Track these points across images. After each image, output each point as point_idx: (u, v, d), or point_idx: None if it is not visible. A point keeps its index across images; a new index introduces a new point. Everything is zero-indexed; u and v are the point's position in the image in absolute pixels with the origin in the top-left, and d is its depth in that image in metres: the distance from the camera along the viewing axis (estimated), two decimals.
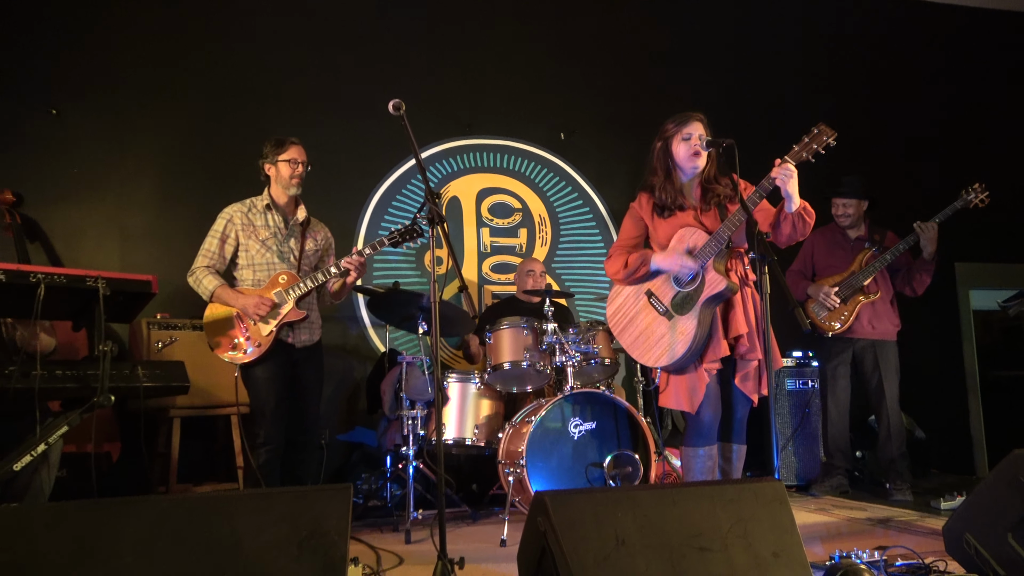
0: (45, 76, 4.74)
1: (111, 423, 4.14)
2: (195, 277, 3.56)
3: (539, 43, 5.77)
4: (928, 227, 4.35)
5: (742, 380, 3.04)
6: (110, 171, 4.81)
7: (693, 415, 3.06)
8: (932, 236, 4.37)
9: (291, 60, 5.21)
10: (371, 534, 3.74)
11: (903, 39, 6.53)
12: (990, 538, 2.29)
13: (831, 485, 4.62)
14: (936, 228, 4.35)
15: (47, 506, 2.62)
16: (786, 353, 4.93)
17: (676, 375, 3.10)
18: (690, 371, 3.06)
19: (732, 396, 3.10)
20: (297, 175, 3.62)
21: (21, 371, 2.71)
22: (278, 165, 3.61)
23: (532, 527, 1.96)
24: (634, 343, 3.17)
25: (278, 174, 3.62)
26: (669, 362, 3.03)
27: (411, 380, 4.01)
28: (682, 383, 3.08)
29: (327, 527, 1.73)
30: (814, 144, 2.85)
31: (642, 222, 3.22)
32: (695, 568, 1.84)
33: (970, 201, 4.31)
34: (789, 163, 2.85)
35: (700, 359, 3.03)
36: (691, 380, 3.05)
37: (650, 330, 3.11)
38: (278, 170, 3.61)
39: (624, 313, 3.23)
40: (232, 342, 3.46)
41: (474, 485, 4.59)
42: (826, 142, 2.84)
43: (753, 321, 3.04)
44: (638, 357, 3.17)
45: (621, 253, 3.23)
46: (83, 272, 2.82)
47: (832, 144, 2.85)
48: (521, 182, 5.61)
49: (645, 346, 3.12)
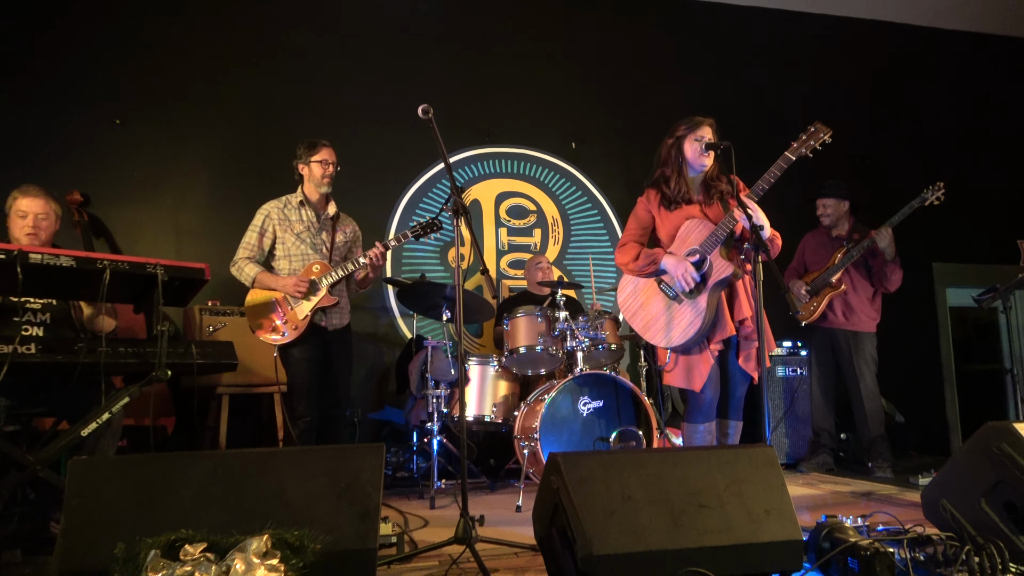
0: (110, 90, 4.82)
1: (167, 400, 4.19)
2: (237, 267, 3.63)
3: (552, 61, 5.79)
4: (882, 233, 4.34)
5: (744, 360, 3.04)
6: (167, 174, 4.88)
7: (696, 393, 3.06)
8: (888, 239, 4.34)
9: (327, 75, 5.26)
10: (399, 501, 3.76)
11: (885, 55, 6.50)
12: (964, 504, 2.28)
13: (817, 462, 4.59)
14: (890, 231, 4.33)
15: (114, 458, 2.67)
16: (777, 343, 4.92)
17: (684, 355, 3.10)
18: (696, 352, 3.06)
19: (733, 375, 3.10)
20: (328, 175, 3.66)
21: (88, 347, 2.73)
22: (311, 165, 3.65)
23: (546, 485, 1.97)
24: (647, 326, 3.16)
25: (310, 173, 3.66)
26: (681, 342, 3.02)
27: (435, 362, 4.03)
28: (688, 363, 3.08)
29: (362, 480, 1.75)
30: (811, 141, 2.85)
31: (649, 215, 3.22)
32: (694, 522, 1.84)
33: (927, 199, 4.26)
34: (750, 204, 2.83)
35: (706, 340, 3.04)
36: (696, 360, 3.05)
37: (661, 313, 3.11)
38: (310, 170, 3.65)
39: (636, 299, 3.22)
40: (272, 325, 3.50)
41: (492, 460, 4.61)
42: (822, 139, 2.84)
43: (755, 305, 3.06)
44: (650, 338, 3.15)
45: (632, 246, 3.23)
46: (143, 259, 2.85)
47: (828, 141, 2.85)
48: (536, 186, 5.62)
49: (656, 328, 3.11)
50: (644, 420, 3.78)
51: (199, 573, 1.43)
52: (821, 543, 1.97)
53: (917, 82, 6.52)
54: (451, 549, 2.44)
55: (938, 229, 5.72)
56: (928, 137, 6.40)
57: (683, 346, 3.07)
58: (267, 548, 1.51)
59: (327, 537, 1.59)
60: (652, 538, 1.79)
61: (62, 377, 2.74)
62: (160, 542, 1.48)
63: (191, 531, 1.51)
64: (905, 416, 5.47)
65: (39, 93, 4.67)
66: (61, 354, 2.70)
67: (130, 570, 1.45)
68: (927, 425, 5.80)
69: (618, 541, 1.76)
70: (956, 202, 4.36)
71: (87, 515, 1.59)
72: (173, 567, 1.44)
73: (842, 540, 1.93)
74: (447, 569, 2.24)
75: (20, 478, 2.66)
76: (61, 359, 2.70)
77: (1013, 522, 2.14)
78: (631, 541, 1.77)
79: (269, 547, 1.51)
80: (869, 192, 4.95)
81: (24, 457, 2.69)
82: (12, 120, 4.59)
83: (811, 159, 2.96)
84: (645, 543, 1.78)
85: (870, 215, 4.76)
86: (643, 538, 1.78)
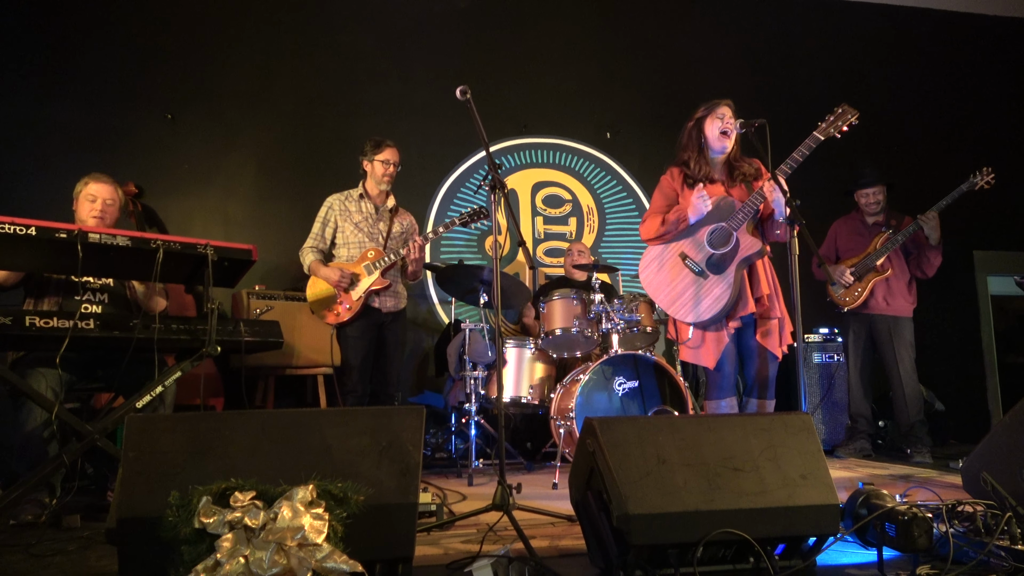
0: (162, 87, 4.96)
1: (216, 380, 4.28)
2: (303, 254, 3.80)
3: (587, 51, 5.78)
4: (929, 216, 4.24)
5: (763, 336, 3.01)
6: (216, 167, 4.99)
7: (714, 370, 3.04)
8: (934, 224, 4.26)
9: (369, 70, 5.33)
10: (438, 479, 3.79)
11: (921, 40, 6.34)
12: (1006, 475, 2.21)
13: (855, 448, 4.51)
14: (936, 216, 4.24)
15: (168, 415, 2.75)
16: (813, 329, 4.84)
17: (700, 332, 3.09)
18: (714, 329, 3.05)
19: (753, 353, 3.06)
20: (389, 174, 3.79)
21: (143, 323, 2.81)
22: (374, 163, 3.77)
23: (582, 450, 1.97)
24: (672, 302, 3.14)
25: (372, 170, 3.79)
26: (709, 316, 3.01)
27: (473, 344, 4.05)
28: (704, 340, 3.07)
29: (404, 439, 1.77)
30: (839, 122, 2.81)
31: (673, 192, 3.22)
32: (729, 484, 1.82)
33: (975, 184, 4.17)
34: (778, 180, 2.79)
35: (725, 318, 3.02)
36: (714, 337, 3.05)
37: (686, 289, 3.09)
38: (373, 167, 3.78)
39: (659, 276, 3.20)
40: (335, 312, 3.68)
41: (528, 443, 4.61)
42: (849, 120, 2.79)
43: (775, 284, 3.04)
44: (675, 313, 3.13)
45: (656, 216, 3.22)
46: (194, 240, 2.92)
47: (855, 123, 2.80)
48: (571, 176, 5.61)
49: (683, 302, 3.10)
50: (678, 400, 3.75)
51: (248, 518, 1.47)
52: (858, 509, 1.94)
53: (952, 68, 6.35)
54: (488, 518, 2.46)
55: (979, 215, 5.56)
56: (965, 124, 6.23)
57: (705, 322, 3.06)
58: (312, 497, 1.54)
59: (370, 490, 1.61)
60: (687, 499, 1.78)
61: (119, 352, 2.83)
62: (212, 490, 1.52)
63: (241, 480, 1.55)
64: (945, 404, 5.33)
65: (95, 91, 4.82)
66: (118, 330, 2.79)
67: (184, 515, 1.49)
68: (968, 414, 5.65)
69: (653, 501, 1.75)
70: (997, 189, 4.24)
71: (143, 467, 1.63)
72: (224, 513, 1.48)
73: (879, 506, 1.89)
74: (484, 535, 2.25)
75: (80, 447, 2.74)
76: (118, 335, 2.78)
77: None
78: (666, 501, 1.76)
79: (314, 497, 1.54)
80: (903, 178, 4.83)
81: (83, 427, 2.78)
82: (71, 117, 4.74)
83: (845, 145, 2.92)
84: (680, 504, 1.76)
85: (902, 202, 4.67)
86: (678, 499, 1.77)
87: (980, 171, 4.18)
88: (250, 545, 1.44)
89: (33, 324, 2.63)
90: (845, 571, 1.88)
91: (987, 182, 4.15)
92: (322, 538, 1.48)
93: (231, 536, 1.45)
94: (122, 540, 1.56)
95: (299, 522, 1.47)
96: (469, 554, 1.99)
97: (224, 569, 1.41)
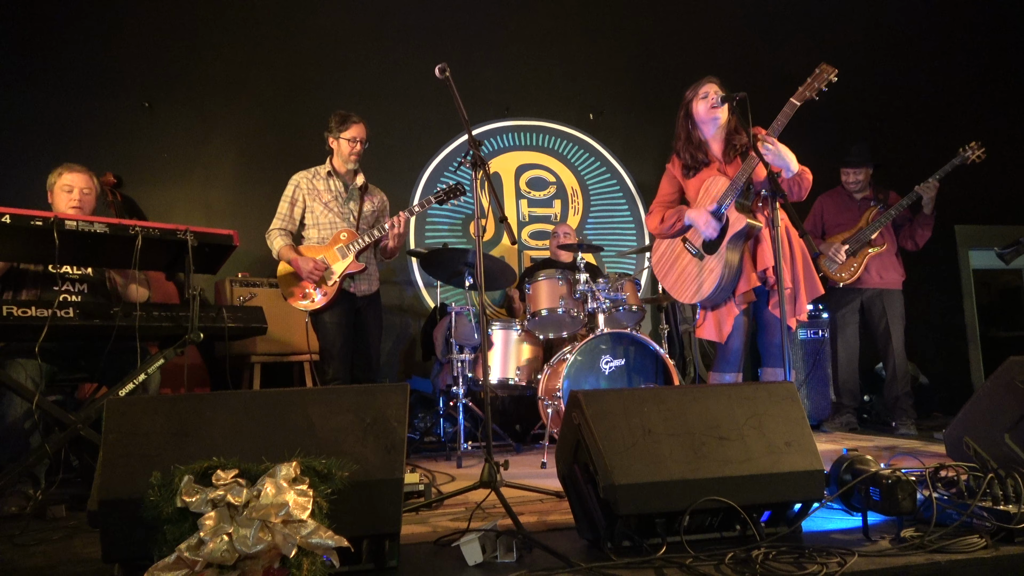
0: (138, 75, 4.87)
1: (200, 369, 4.25)
2: (270, 238, 3.67)
3: (570, 33, 5.75)
4: (930, 185, 4.26)
5: (774, 307, 3.02)
6: (196, 155, 4.93)
7: (722, 344, 3.07)
8: (932, 193, 4.29)
9: (351, 54, 5.28)
10: (427, 462, 3.79)
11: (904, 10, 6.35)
12: (988, 439, 2.24)
13: (841, 422, 4.54)
14: (937, 185, 4.26)
15: (149, 397, 2.72)
16: None
17: (711, 310, 3.14)
18: (722, 305, 3.10)
19: (766, 324, 3.09)
20: (355, 152, 3.66)
21: (124, 312, 2.78)
22: (340, 141, 3.66)
23: (568, 423, 1.97)
24: (674, 284, 3.21)
25: (339, 148, 3.68)
26: (701, 298, 3.08)
27: (459, 327, 4.04)
28: (714, 316, 3.13)
29: (388, 415, 1.76)
30: (816, 83, 2.79)
31: (676, 180, 3.25)
32: (715, 453, 1.83)
33: (967, 158, 4.20)
34: (771, 137, 2.79)
35: (732, 293, 3.04)
36: (721, 314, 3.10)
37: (686, 271, 3.14)
38: (339, 145, 3.67)
39: (666, 259, 3.27)
40: (303, 292, 3.54)
41: (517, 425, 4.62)
42: (827, 79, 2.77)
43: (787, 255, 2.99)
44: (678, 295, 3.20)
45: (660, 210, 3.28)
46: (174, 226, 2.88)
47: (833, 80, 2.77)
48: (555, 158, 5.59)
49: (681, 285, 3.17)
50: (666, 378, 3.76)
51: (231, 496, 1.45)
52: (842, 475, 1.95)
53: (934, 42, 6.36)
54: (476, 497, 2.45)
55: (960, 190, 5.59)
56: (946, 98, 6.25)
57: (709, 300, 3.10)
58: (296, 474, 1.52)
59: (354, 466, 1.61)
60: (673, 468, 1.78)
61: (101, 342, 2.79)
62: (194, 469, 1.50)
63: (223, 459, 1.53)
64: (929, 378, 5.39)
65: (69, 79, 4.73)
66: (98, 318, 2.75)
67: (166, 495, 1.48)
68: (951, 387, 5.70)
69: (639, 471, 1.75)
70: (978, 163, 4.26)
71: (124, 449, 1.62)
72: (206, 491, 1.46)
73: (863, 471, 1.90)
74: (472, 512, 2.25)
75: (63, 436, 2.72)
76: (98, 323, 2.75)
77: None
78: (652, 471, 1.76)
79: (298, 473, 1.53)
80: (887, 153, 4.85)
81: (66, 416, 2.75)
82: (45, 105, 4.65)
83: (827, 120, 2.90)
84: (666, 472, 1.77)
85: (883, 176, 4.69)
86: (664, 468, 1.77)
87: (970, 145, 4.21)
88: (234, 523, 1.43)
89: (11, 314, 2.59)
90: (830, 536, 1.90)
91: (978, 156, 4.18)
92: (307, 514, 1.47)
93: (214, 514, 1.43)
94: (104, 522, 1.54)
95: (283, 499, 1.46)
96: (457, 531, 1.99)
97: (208, 547, 1.40)
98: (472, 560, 1.74)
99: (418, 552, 1.89)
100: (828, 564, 1.61)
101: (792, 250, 2.99)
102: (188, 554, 1.39)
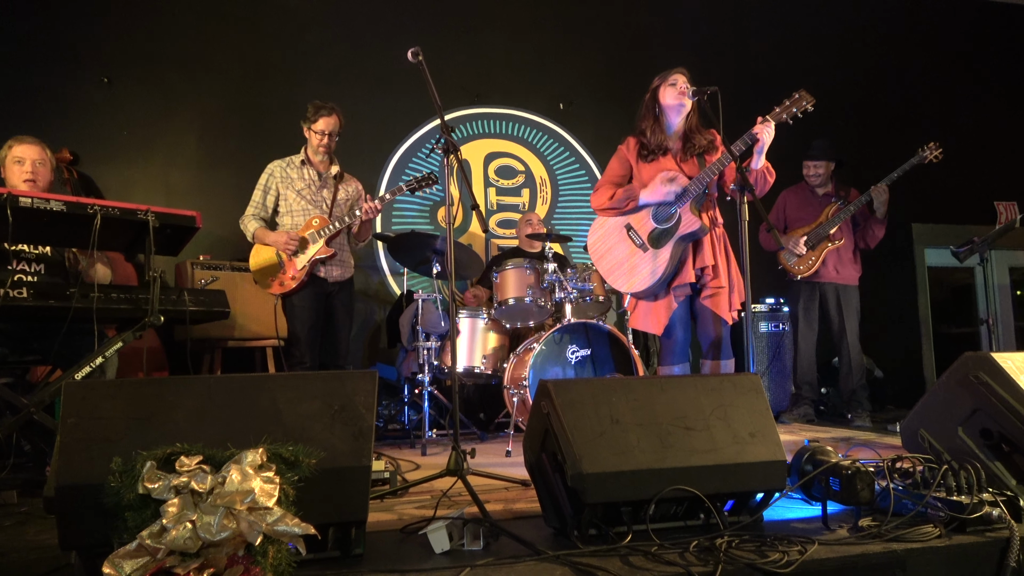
0: (98, 48, 4.73)
1: (159, 353, 4.16)
2: (244, 223, 3.69)
3: (542, 22, 5.72)
4: (880, 189, 4.38)
5: (710, 300, 3.08)
6: (156, 134, 4.80)
7: (665, 337, 3.11)
8: (884, 198, 4.40)
9: (317, 35, 5.18)
10: (391, 450, 3.77)
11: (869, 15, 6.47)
12: (942, 433, 2.30)
13: (799, 414, 4.64)
14: (887, 190, 4.38)
15: (108, 381, 2.65)
16: (760, 299, 4.95)
17: (646, 301, 3.17)
18: (660, 298, 3.12)
19: (703, 317, 3.13)
20: (324, 145, 3.70)
21: (81, 292, 2.70)
22: (310, 132, 3.70)
23: (537, 412, 1.97)
24: (611, 270, 3.21)
25: (309, 139, 3.72)
26: (641, 289, 3.10)
27: (426, 315, 4.02)
28: (652, 308, 3.15)
29: (356, 402, 1.74)
30: (793, 107, 2.85)
31: (627, 163, 3.24)
32: (681, 443, 1.85)
33: (924, 158, 4.31)
34: (771, 123, 2.85)
35: (668, 287, 3.07)
36: (660, 306, 3.12)
37: (626, 260, 3.15)
38: (310, 136, 3.71)
39: (604, 243, 3.25)
40: (278, 281, 3.59)
41: (481, 414, 4.63)
42: (804, 107, 2.84)
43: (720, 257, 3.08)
44: (613, 283, 3.23)
45: (608, 187, 3.24)
46: (135, 206, 2.80)
47: (809, 110, 2.85)
48: (524, 147, 5.58)
49: (620, 273, 3.18)
50: (631, 367, 3.80)
51: (195, 483, 1.43)
52: (804, 465, 1.99)
53: (895, 45, 6.49)
54: (442, 485, 2.45)
55: (918, 189, 5.74)
56: (907, 99, 6.39)
57: (645, 292, 3.12)
58: (263, 461, 1.50)
59: (322, 453, 1.59)
60: (640, 457, 1.80)
61: (56, 323, 2.71)
62: (156, 455, 1.47)
63: (187, 445, 1.50)
64: (883, 371, 5.54)
65: (24, 51, 4.56)
66: (54, 299, 2.66)
67: (127, 481, 1.44)
68: (905, 381, 5.87)
69: (607, 460, 1.77)
70: (935, 163, 4.37)
71: (83, 433, 1.57)
72: (169, 478, 1.43)
73: (824, 462, 1.95)
74: (439, 500, 2.24)
75: (14, 420, 2.63)
76: (53, 303, 2.66)
77: (989, 448, 2.17)
78: (619, 460, 1.78)
79: (264, 460, 1.50)
80: (850, 151, 4.95)
81: (18, 400, 2.67)
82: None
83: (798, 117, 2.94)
84: (633, 462, 1.79)
85: (848, 174, 4.79)
86: (631, 457, 1.79)
87: (927, 146, 4.32)
88: (197, 510, 1.40)
89: None
90: (791, 525, 1.94)
91: (935, 156, 4.29)
92: (273, 501, 1.45)
93: (177, 501, 1.40)
94: (62, 508, 1.50)
95: (248, 485, 1.44)
96: (424, 519, 1.99)
97: (171, 535, 1.37)
98: (439, 548, 1.74)
99: (384, 540, 1.88)
100: (789, 552, 1.65)
101: (727, 252, 3.10)
102: (150, 541, 1.36)
